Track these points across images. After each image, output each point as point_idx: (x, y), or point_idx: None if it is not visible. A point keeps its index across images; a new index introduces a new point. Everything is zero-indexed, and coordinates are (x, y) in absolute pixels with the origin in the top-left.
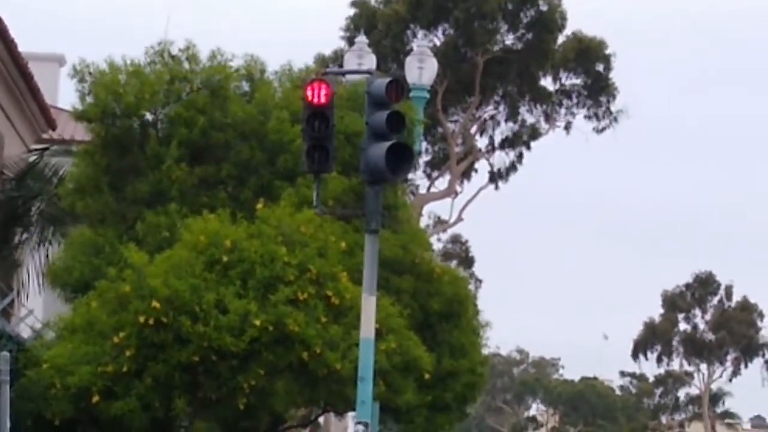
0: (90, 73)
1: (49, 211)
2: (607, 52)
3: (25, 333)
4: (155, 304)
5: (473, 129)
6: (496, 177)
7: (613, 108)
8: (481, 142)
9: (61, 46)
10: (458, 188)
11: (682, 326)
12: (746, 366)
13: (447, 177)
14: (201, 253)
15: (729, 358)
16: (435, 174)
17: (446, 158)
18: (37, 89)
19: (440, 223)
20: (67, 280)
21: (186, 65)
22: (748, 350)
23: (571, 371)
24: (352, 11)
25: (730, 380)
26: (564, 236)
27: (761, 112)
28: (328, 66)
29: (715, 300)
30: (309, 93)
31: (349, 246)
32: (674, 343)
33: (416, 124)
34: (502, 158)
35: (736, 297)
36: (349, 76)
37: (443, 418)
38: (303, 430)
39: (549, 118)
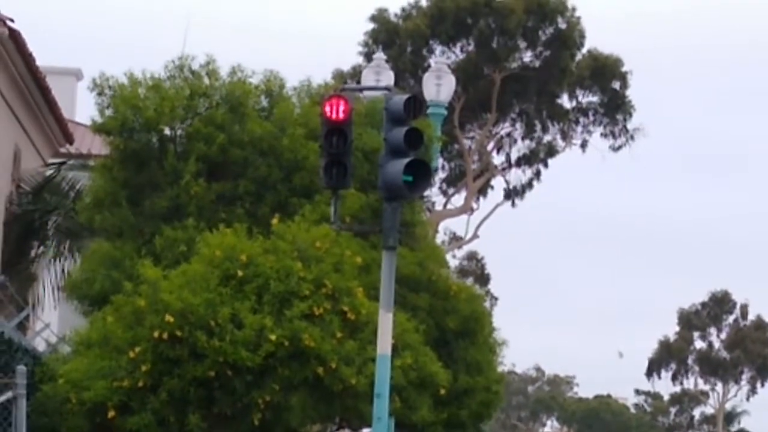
0: (110, 87)
1: (66, 225)
2: (624, 69)
3: (41, 347)
4: (168, 318)
5: (490, 146)
6: (512, 194)
7: (629, 126)
8: (498, 159)
9: (78, 60)
10: (474, 205)
11: (698, 345)
12: (762, 385)
13: (463, 194)
14: (216, 268)
15: (744, 376)
16: (451, 191)
17: (462, 175)
18: (54, 103)
19: (456, 240)
20: (87, 292)
21: (206, 80)
22: (764, 369)
23: (586, 389)
24: (371, 26)
25: (748, 399)
26: (579, 254)
27: None
28: (347, 82)
29: (731, 319)
30: (327, 109)
31: (366, 263)
32: (689, 361)
33: (434, 141)
34: (518, 176)
35: (752, 316)
36: (367, 93)
37: None
38: None
39: (565, 135)
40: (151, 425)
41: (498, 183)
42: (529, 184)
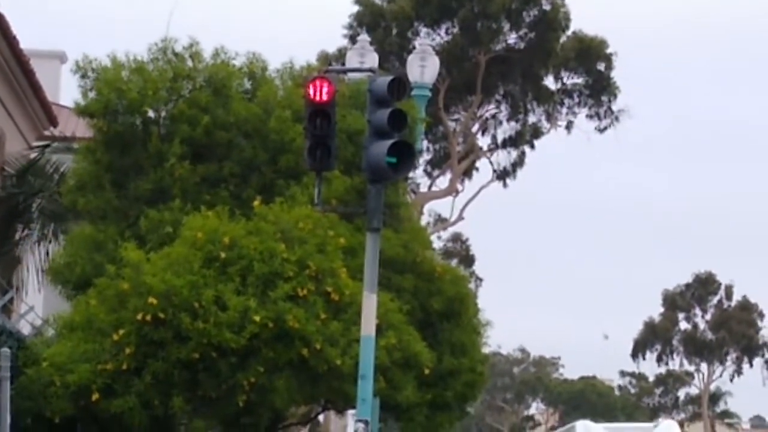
0: (93, 69)
1: (50, 208)
2: (609, 51)
3: (25, 330)
4: (152, 300)
5: (475, 128)
6: (501, 176)
7: (614, 107)
8: (483, 141)
9: (62, 42)
10: (459, 187)
11: (683, 326)
12: (751, 365)
13: (448, 176)
14: (199, 250)
15: (729, 357)
16: (436, 173)
17: (447, 157)
18: (38, 86)
19: (441, 222)
20: (68, 277)
21: (189, 63)
22: (748, 350)
23: (572, 370)
24: (356, 8)
25: (732, 380)
26: (564, 235)
27: (762, 113)
28: (331, 64)
29: (715, 300)
30: (311, 91)
31: (352, 246)
32: (674, 342)
33: (418, 122)
34: (504, 157)
35: (737, 297)
36: (351, 75)
37: (443, 416)
38: (303, 428)
39: (550, 117)
40: (135, 408)
41: (483, 165)
42: (516, 166)
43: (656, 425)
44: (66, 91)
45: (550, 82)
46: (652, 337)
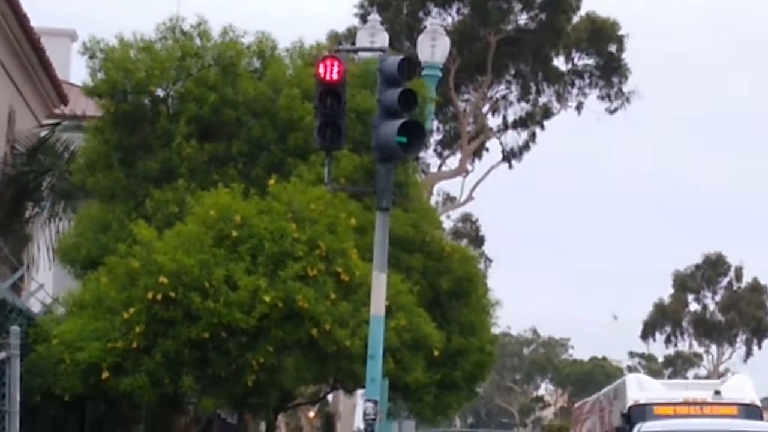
0: (101, 50)
1: (60, 186)
2: (620, 33)
3: (35, 308)
4: (162, 279)
5: (485, 108)
6: (509, 156)
7: (625, 89)
8: (493, 122)
9: (73, 20)
10: (469, 167)
11: (692, 307)
12: (760, 347)
13: (458, 156)
14: (210, 228)
15: (738, 339)
16: (446, 153)
17: (457, 137)
18: (49, 64)
19: (450, 202)
20: (75, 257)
21: (197, 41)
22: (758, 332)
23: (581, 351)
24: None
25: (745, 361)
26: (574, 217)
27: None
28: (341, 43)
29: (725, 281)
30: (321, 70)
31: (361, 225)
32: (684, 323)
33: (428, 102)
34: (514, 137)
35: (746, 278)
36: (361, 54)
37: (452, 396)
38: (312, 408)
39: (561, 98)
40: (144, 387)
41: (493, 145)
42: (526, 146)
43: (724, 381)
44: (76, 69)
45: (560, 62)
46: (662, 318)
